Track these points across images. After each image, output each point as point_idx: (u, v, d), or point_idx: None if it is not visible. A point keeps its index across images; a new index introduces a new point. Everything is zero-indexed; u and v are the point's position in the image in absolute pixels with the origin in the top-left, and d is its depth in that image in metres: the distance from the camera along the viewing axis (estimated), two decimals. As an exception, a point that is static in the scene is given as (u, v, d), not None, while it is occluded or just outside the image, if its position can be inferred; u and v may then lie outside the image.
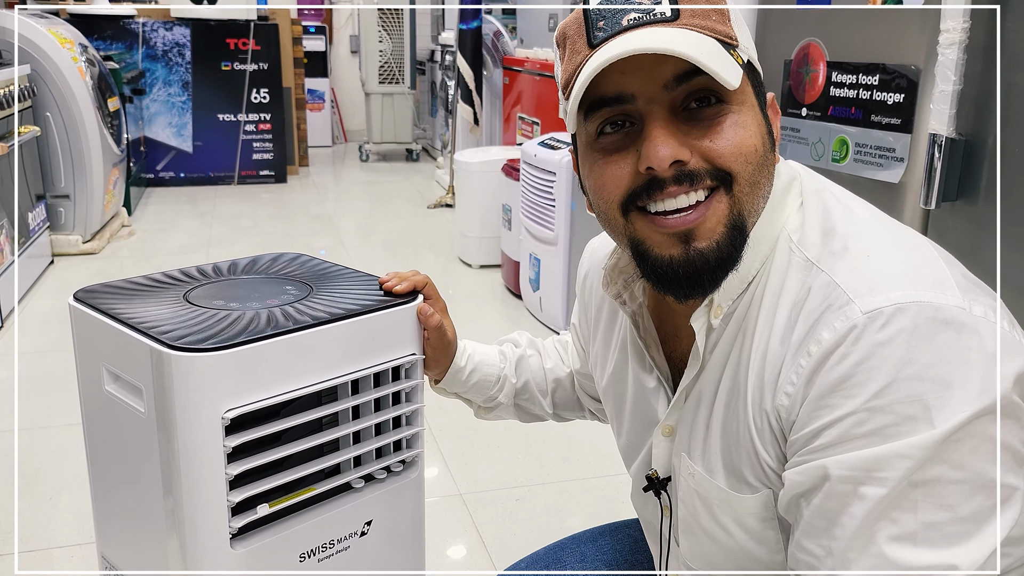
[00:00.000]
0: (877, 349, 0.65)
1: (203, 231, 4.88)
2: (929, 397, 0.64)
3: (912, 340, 0.65)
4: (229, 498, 0.91)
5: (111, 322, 0.94)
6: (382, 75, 7.16)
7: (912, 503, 0.64)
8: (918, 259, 0.71)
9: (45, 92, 4.08)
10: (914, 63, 1.46)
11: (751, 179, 0.74)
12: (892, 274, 0.69)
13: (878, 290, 0.68)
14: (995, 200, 1.35)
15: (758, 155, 0.74)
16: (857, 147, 1.60)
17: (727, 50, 0.73)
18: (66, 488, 2.17)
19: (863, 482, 0.65)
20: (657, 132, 0.73)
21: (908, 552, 0.64)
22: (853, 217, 0.77)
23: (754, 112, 0.76)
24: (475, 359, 1.13)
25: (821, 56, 1.69)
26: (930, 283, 0.67)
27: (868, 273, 0.70)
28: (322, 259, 1.19)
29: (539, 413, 1.19)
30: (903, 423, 0.64)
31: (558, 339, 1.22)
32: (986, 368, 0.64)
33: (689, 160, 0.73)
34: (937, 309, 0.65)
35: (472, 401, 1.17)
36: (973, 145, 1.38)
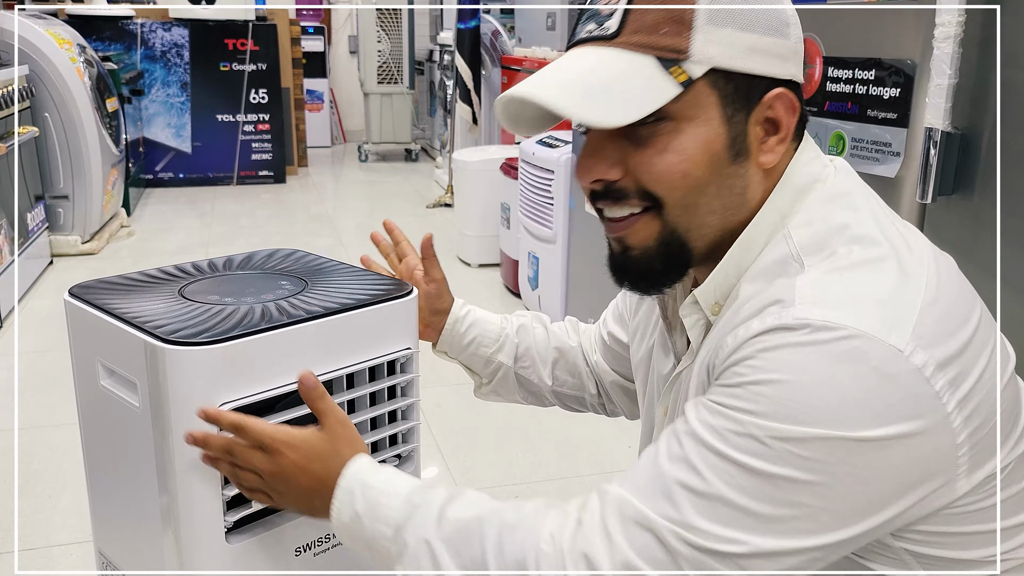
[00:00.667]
0: (785, 349, 0.67)
1: (202, 231, 4.88)
2: (798, 405, 0.65)
3: (820, 356, 0.65)
4: (224, 492, 0.92)
5: (106, 317, 0.94)
6: (381, 75, 7.17)
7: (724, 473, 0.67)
8: (892, 290, 0.69)
9: (43, 93, 4.08)
10: (910, 57, 1.46)
11: (683, 202, 0.75)
12: (849, 296, 0.68)
13: (823, 304, 0.67)
14: (991, 194, 1.36)
15: (689, 180, 0.74)
16: (853, 142, 1.60)
17: (664, 67, 0.71)
18: (66, 487, 2.17)
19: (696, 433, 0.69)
20: (585, 152, 0.77)
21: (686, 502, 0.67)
22: (863, 226, 0.74)
23: (706, 127, 0.73)
24: (475, 314, 1.15)
25: (817, 52, 1.69)
26: (881, 316, 0.66)
27: (828, 287, 0.69)
28: (317, 255, 1.19)
29: (539, 386, 1.18)
30: (761, 414, 0.66)
31: (569, 319, 1.22)
32: (877, 412, 0.64)
33: (619, 178, 0.76)
34: (865, 341, 0.65)
35: (472, 368, 1.17)
36: (969, 139, 1.38)
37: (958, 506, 0.71)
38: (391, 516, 0.81)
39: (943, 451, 0.67)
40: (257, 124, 6.27)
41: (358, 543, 0.84)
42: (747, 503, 0.66)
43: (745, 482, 0.66)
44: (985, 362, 0.70)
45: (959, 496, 0.70)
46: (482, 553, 0.75)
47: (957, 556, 0.74)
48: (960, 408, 0.67)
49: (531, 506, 0.77)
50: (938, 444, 0.67)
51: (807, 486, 0.65)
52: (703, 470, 0.67)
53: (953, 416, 0.66)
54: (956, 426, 0.67)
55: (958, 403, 0.67)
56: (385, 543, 0.81)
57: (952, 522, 0.72)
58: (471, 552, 0.75)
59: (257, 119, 6.26)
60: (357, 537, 0.84)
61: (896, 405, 0.65)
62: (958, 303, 0.71)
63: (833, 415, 0.64)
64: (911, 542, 0.73)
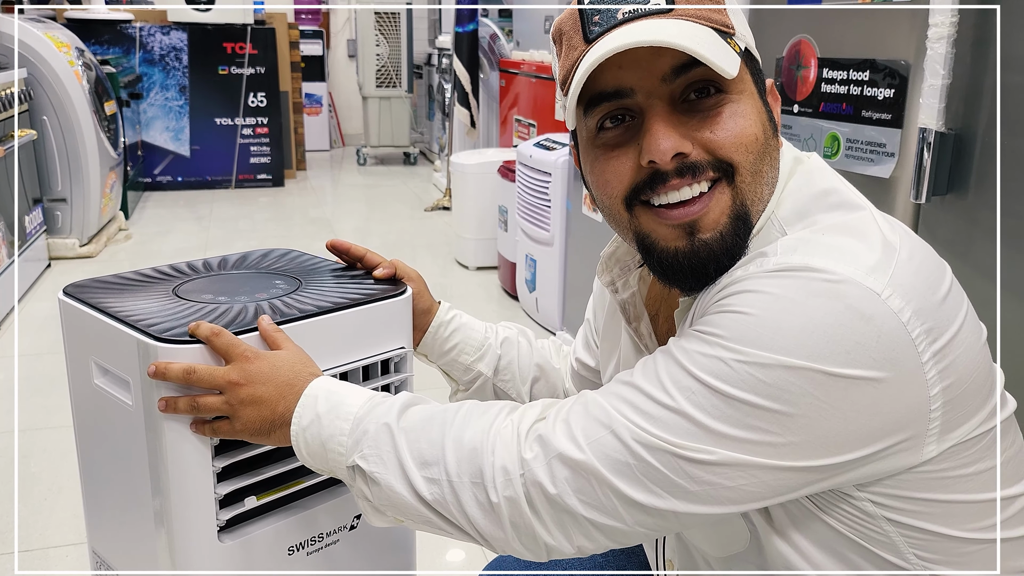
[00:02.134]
0: (762, 283, 0.68)
1: (200, 234, 4.88)
2: (767, 331, 0.66)
3: (796, 288, 0.67)
4: (217, 491, 0.92)
5: (100, 316, 0.94)
6: (379, 79, 7.18)
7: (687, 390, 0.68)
8: (870, 247, 0.69)
9: (41, 96, 4.08)
10: (904, 58, 1.47)
11: (753, 168, 0.75)
12: (828, 246, 0.70)
13: (804, 253, 0.69)
14: (985, 194, 1.36)
15: (759, 144, 0.75)
16: (848, 143, 1.60)
17: (724, 39, 0.73)
18: (63, 489, 2.17)
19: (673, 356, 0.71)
20: (657, 126, 0.74)
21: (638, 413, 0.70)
22: (844, 196, 0.76)
23: (754, 100, 0.76)
24: (460, 319, 1.13)
25: (812, 53, 1.69)
26: (860, 263, 0.67)
27: (809, 240, 0.71)
28: (312, 255, 1.19)
29: (516, 401, 1.17)
30: (730, 338, 0.67)
31: (553, 340, 1.21)
32: (848, 350, 0.65)
33: (691, 152, 0.74)
34: (843, 281, 0.66)
35: (451, 375, 1.15)
36: (963, 139, 1.38)
37: (927, 470, 0.70)
38: (351, 412, 0.82)
39: (915, 403, 0.67)
40: (256, 128, 6.28)
41: (313, 449, 0.83)
42: (706, 420, 0.67)
43: (707, 401, 0.67)
44: (960, 322, 0.70)
45: (929, 459, 0.70)
46: (441, 437, 0.78)
47: (944, 531, 0.73)
48: (936, 360, 0.67)
49: (500, 403, 0.80)
50: (910, 394, 0.67)
51: (768, 413, 0.66)
52: (668, 385, 0.69)
53: (928, 367, 0.66)
54: (931, 378, 0.67)
55: (934, 355, 0.67)
56: (342, 439, 0.81)
57: (924, 487, 0.71)
58: (430, 436, 0.78)
59: (256, 123, 6.27)
60: (313, 440, 0.83)
61: (869, 346, 0.65)
62: (933, 265, 0.72)
63: (802, 346, 0.65)
64: (889, 509, 0.72)
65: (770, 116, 0.78)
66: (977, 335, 0.73)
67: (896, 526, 0.73)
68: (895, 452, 0.68)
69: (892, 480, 0.71)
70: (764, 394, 0.66)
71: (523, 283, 3.58)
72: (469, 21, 5.13)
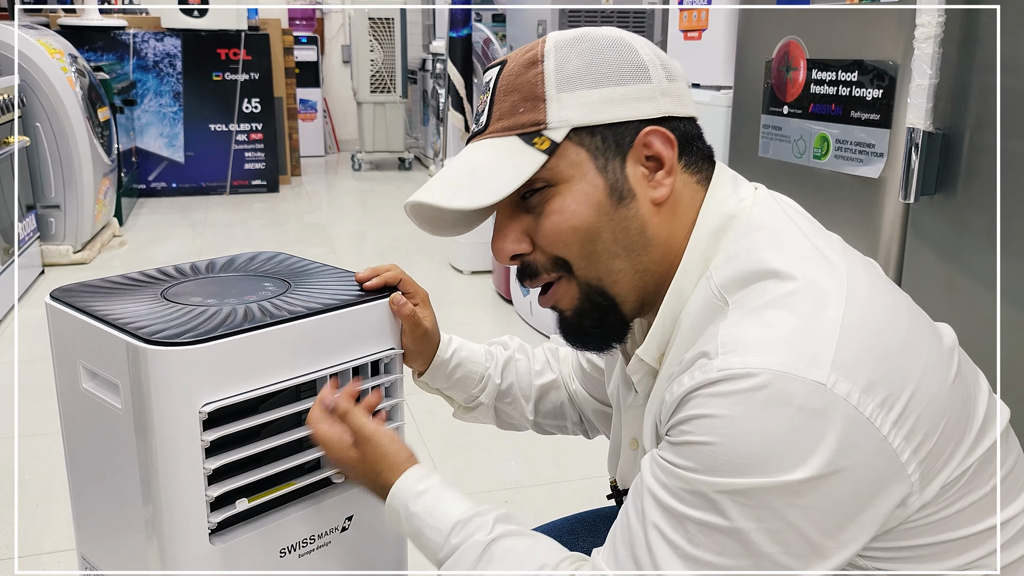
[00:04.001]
0: (712, 403, 0.68)
1: (195, 240, 4.88)
2: (735, 458, 0.66)
3: (747, 406, 0.66)
4: (208, 493, 0.91)
5: (87, 319, 0.94)
6: (374, 84, 7.18)
7: (684, 528, 0.69)
8: (808, 323, 0.69)
9: (35, 102, 4.08)
10: (892, 59, 1.48)
11: (583, 254, 0.79)
12: (765, 338, 0.68)
13: (742, 351, 0.68)
14: (973, 193, 1.37)
15: (580, 232, 0.78)
16: (838, 144, 1.61)
17: (527, 141, 0.77)
18: (55, 495, 2.16)
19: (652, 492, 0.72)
20: (495, 233, 0.83)
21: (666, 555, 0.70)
22: (779, 260, 0.74)
23: (583, 183, 0.78)
24: (461, 354, 1.12)
25: (801, 54, 1.70)
26: (800, 352, 0.67)
27: (746, 332, 0.70)
28: (300, 257, 1.19)
29: (518, 420, 1.17)
30: (703, 470, 0.67)
31: (548, 346, 1.21)
32: (811, 450, 0.65)
33: (529, 251, 0.81)
34: (786, 380, 0.66)
35: (453, 399, 1.16)
36: (951, 139, 1.39)
37: (916, 520, 0.71)
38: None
39: (888, 473, 0.67)
40: (250, 133, 6.27)
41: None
42: (712, 558, 0.68)
43: (705, 539, 0.68)
44: (919, 373, 0.69)
45: (915, 511, 0.70)
46: None
47: (928, 572, 0.73)
48: (897, 428, 0.67)
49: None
50: (881, 468, 0.67)
51: (763, 534, 0.66)
52: (666, 531, 0.70)
53: (891, 437, 0.67)
54: (897, 446, 0.67)
55: (893, 423, 0.67)
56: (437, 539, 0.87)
57: (911, 535, 0.72)
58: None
59: (250, 128, 6.27)
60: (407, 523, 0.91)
61: (828, 439, 0.65)
62: (882, 319, 0.71)
63: (769, 462, 0.65)
64: (876, 560, 0.73)
65: (614, 187, 0.78)
66: (943, 373, 0.72)
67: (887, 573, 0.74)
68: (887, 519, 0.70)
69: (883, 537, 0.71)
70: (753, 517, 0.66)
71: (517, 287, 3.58)
72: (463, 26, 5.14)
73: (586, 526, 1.18)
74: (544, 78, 0.78)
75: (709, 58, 2.30)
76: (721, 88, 2.22)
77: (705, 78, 2.31)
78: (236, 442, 0.94)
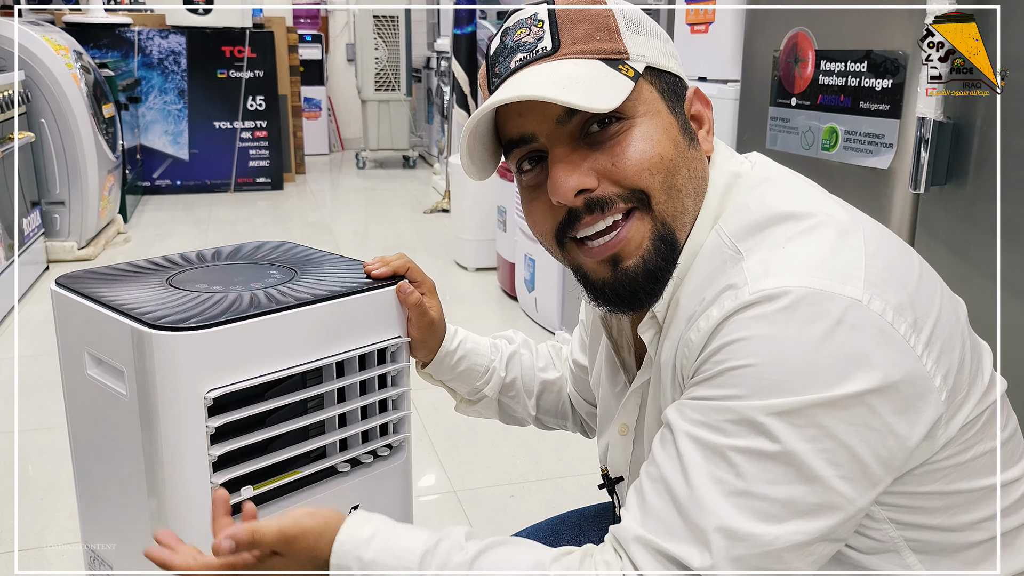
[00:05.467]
0: (751, 325, 0.66)
1: (199, 237, 4.88)
2: (781, 376, 0.64)
3: (786, 323, 0.65)
4: (212, 480, 0.91)
5: (93, 305, 0.94)
6: (378, 83, 7.17)
7: (729, 462, 0.66)
8: (835, 248, 0.69)
9: (39, 98, 4.08)
10: (902, 48, 1.46)
11: (665, 187, 0.76)
12: (796, 261, 0.68)
13: (773, 275, 0.68)
14: (984, 183, 1.35)
15: (665, 162, 0.75)
16: (847, 135, 1.60)
17: (613, 67, 0.74)
18: (59, 489, 2.16)
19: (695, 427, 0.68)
20: (557, 168, 0.76)
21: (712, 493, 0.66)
22: (792, 204, 0.74)
23: (659, 118, 0.77)
24: (466, 346, 1.11)
25: (810, 45, 1.69)
26: (831, 272, 0.67)
27: (774, 259, 0.69)
28: (306, 246, 1.19)
29: (521, 415, 1.16)
30: (749, 395, 0.65)
31: (552, 344, 1.21)
32: (855, 364, 0.64)
33: (596, 187, 0.76)
34: (823, 296, 0.65)
35: (456, 392, 1.15)
36: (961, 129, 1.38)
37: (936, 462, 0.71)
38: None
39: (925, 393, 0.67)
40: (254, 131, 6.27)
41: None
42: (763, 489, 0.65)
43: (755, 468, 0.65)
44: (938, 308, 0.70)
45: (939, 448, 0.70)
46: None
47: (946, 525, 0.73)
48: (927, 351, 0.67)
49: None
50: (920, 387, 0.66)
51: (816, 455, 0.64)
52: (710, 469, 0.66)
53: (924, 359, 0.67)
54: (929, 369, 0.67)
55: (924, 346, 0.67)
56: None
57: (926, 480, 0.71)
58: None
59: (255, 126, 6.27)
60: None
61: (871, 354, 0.65)
62: (898, 253, 0.73)
63: (814, 378, 0.64)
64: (892, 508, 0.72)
65: (684, 128, 0.79)
66: (954, 312, 0.73)
67: (899, 528, 0.73)
68: (916, 451, 0.69)
69: (899, 478, 0.70)
70: (807, 437, 0.64)
71: (522, 283, 3.57)
72: (467, 23, 5.13)
73: (571, 526, 1.16)
74: (614, 15, 0.77)
75: (716, 52, 2.29)
76: (728, 82, 2.21)
77: (712, 72, 2.30)
78: (242, 429, 0.93)
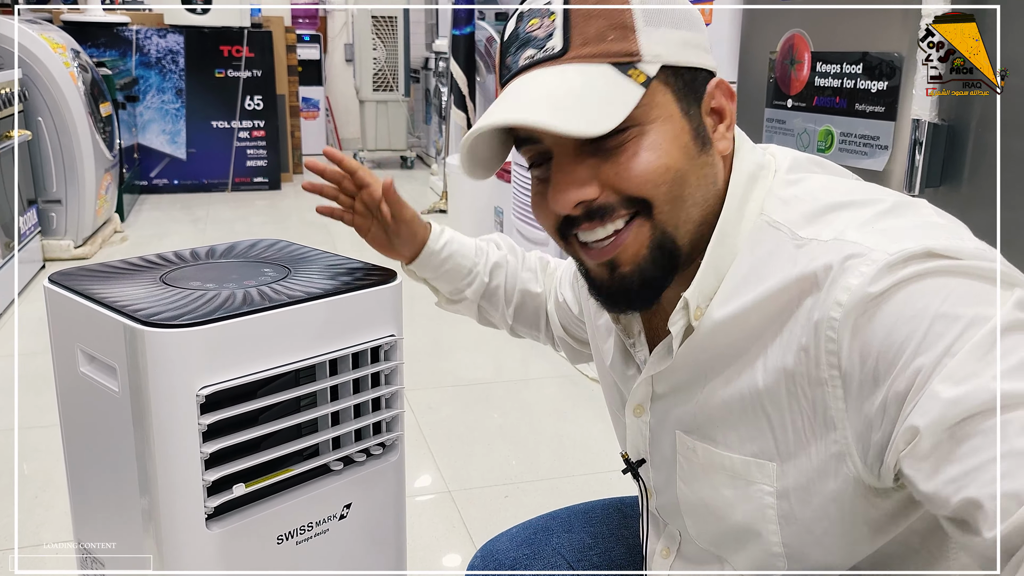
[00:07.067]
0: (918, 282, 0.63)
1: (196, 237, 4.87)
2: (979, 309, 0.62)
3: (949, 274, 0.63)
4: (204, 477, 0.91)
5: (85, 302, 0.94)
6: (376, 83, 7.17)
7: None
8: (926, 218, 0.70)
9: (36, 97, 4.08)
10: (897, 50, 1.47)
11: (669, 197, 0.73)
12: (907, 228, 0.67)
13: (900, 240, 0.65)
14: (978, 186, 1.36)
15: (671, 172, 0.73)
16: (842, 136, 1.60)
17: (623, 71, 0.71)
18: (55, 487, 2.15)
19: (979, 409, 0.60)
20: (558, 178, 0.75)
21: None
22: (846, 195, 0.74)
23: (670, 123, 0.73)
24: (452, 246, 1.12)
25: (806, 47, 1.69)
26: (948, 233, 0.67)
27: (880, 230, 0.68)
28: (300, 244, 1.19)
29: (497, 321, 1.19)
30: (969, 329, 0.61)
31: (540, 256, 1.21)
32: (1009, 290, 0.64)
33: (597, 196, 0.74)
34: (962, 252, 0.65)
35: (439, 291, 1.17)
36: (956, 131, 1.38)
37: None
38: None
39: None
40: (252, 131, 6.27)
41: None
42: None
43: None
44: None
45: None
46: None
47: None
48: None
49: None
50: None
51: None
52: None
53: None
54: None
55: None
56: None
57: None
58: None
59: (252, 126, 6.26)
60: None
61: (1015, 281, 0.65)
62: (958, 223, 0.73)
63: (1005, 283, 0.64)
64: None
65: (697, 132, 0.75)
66: None
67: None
68: None
69: None
70: None
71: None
72: (466, 24, 5.13)
73: (560, 523, 1.16)
74: (632, 11, 0.72)
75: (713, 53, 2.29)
76: (724, 83, 2.21)
77: (708, 73, 2.30)
78: (234, 427, 0.93)
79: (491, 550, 1.10)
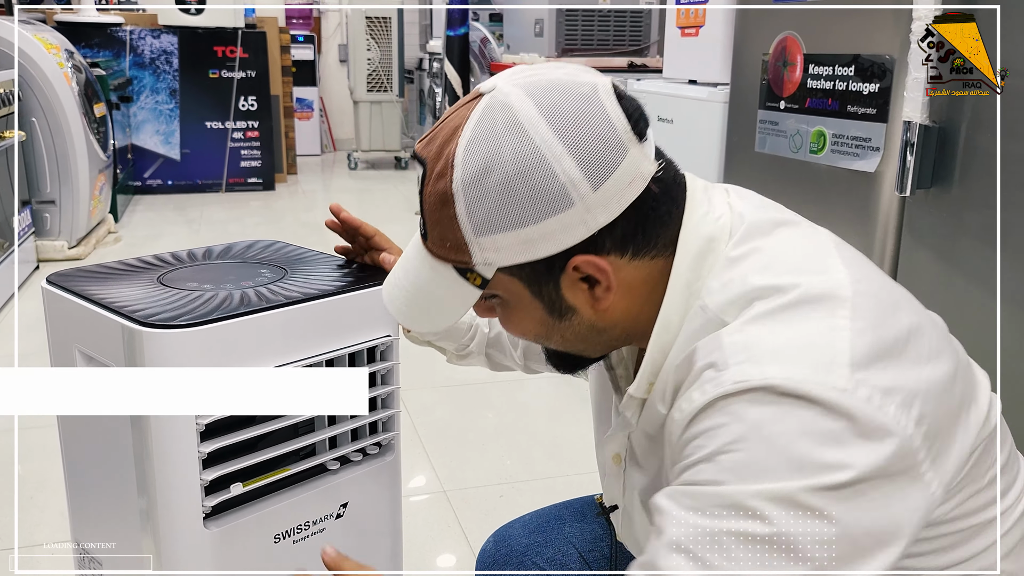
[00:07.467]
0: (735, 411, 0.66)
1: (191, 238, 4.87)
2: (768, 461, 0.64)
3: (772, 412, 0.65)
4: (202, 477, 0.91)
5: (83, 303, 0.94)
6: (370, 83, 7.17)
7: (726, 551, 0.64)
8: (819, 330, 0.68)
9: (30, 97, 4.07)
10: (889, 52, 1.48)
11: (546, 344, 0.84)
12: (778, 345, 0.67)
13: (755, 361, 0.67)
14: (968, 187, 1.37)
15: (534, 335, 0.83)
16: (834, 138, 1.61)
17: (462, 275, 0.77)
18: (51, 487, 2.15)
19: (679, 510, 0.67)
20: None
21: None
22: (776, 277, 0.73)
23: (522, 303, 0.79)
24: None
25: (798, 49, 1.71)
26: (815, 360, 0.66)
27: (753, 338, 0.69)
28: (297, 245, 1.19)
29: (509, 364, 1.19)
30: (736, 479, 0.64)
31: None
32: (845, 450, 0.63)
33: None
34: (805, 389, 0.65)
35: (446, 349, 1.17)
36: (947, 132, 1.39)
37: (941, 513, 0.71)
38: None
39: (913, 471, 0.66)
40: (246, 131, 6.26)
41: None
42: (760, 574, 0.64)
43: (751, 554, 0.64)
44: (928, 368, 0.69)
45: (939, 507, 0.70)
46: None
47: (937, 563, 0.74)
48: (917, 426, 0.66)
49: None
50: (907, 467, 0.66)
51: (808, 539, 0.63)
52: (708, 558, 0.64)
53: (913, 436, 0.66)
54: (916, 445, 0.66)
55: (915, 423, 0.66)
56: None
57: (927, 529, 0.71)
58: None
59: (246, 126, 6.26)
60: None
61: (858, 440, 0.64)
62: (887, 316, 0.71)
63: (803, 465, 0.63)
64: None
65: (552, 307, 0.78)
66: (947, 362, 0.72)
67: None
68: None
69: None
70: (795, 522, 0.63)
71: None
72: (460, 25, 5.14)
73: (573, 512, 1.18)
74: (459, 224, 0.73)
75: (706, 55, 2.30)
76: (718, 85, 2.22)
77: (702, 75, 2.31)
78: (231, 427, 0.94)
79: (504, 536, 1.12)
